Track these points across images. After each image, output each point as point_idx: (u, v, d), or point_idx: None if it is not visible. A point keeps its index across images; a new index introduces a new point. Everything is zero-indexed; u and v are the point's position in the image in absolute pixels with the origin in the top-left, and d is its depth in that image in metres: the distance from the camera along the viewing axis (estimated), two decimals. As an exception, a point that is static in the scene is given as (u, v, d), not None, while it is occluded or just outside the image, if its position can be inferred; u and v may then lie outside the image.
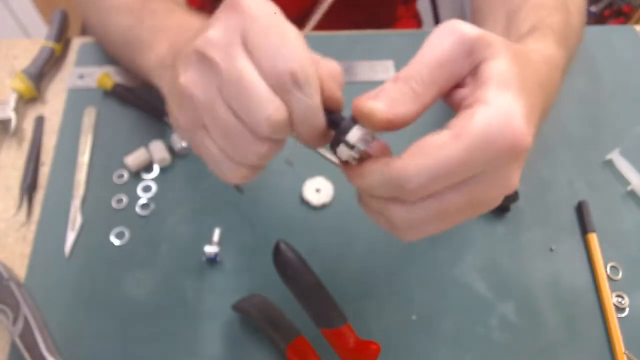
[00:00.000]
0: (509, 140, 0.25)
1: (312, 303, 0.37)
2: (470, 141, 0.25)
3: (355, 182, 0.28)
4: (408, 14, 0.85)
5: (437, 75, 0.26)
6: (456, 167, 0.25)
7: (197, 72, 0.27)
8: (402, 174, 0.25)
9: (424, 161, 0.25)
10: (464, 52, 0.26)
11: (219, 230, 0.48)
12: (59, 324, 0.44)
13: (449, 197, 0.26)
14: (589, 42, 0.63)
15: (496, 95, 0.26)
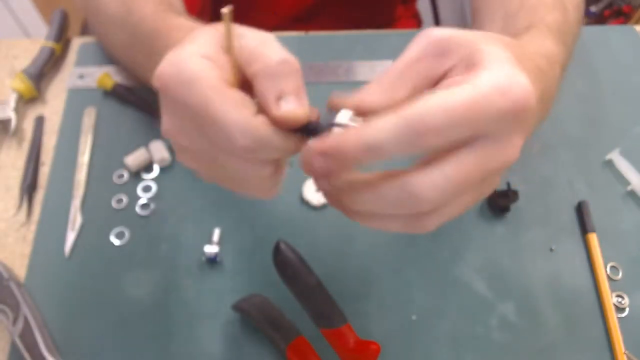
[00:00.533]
0: (521, 93, 0.24)
1: (312, 303, 0.38)
2: (479, 86, 0.24)
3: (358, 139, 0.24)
4: (408, 14, 0.85)
5: (408, 74, 0.27)
6: (467, 110, 0.23)
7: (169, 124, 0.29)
8: (417, 111, 0.23)
9: (437, 99, 0.24)
10: (434, 52, 0.27)
11: (219, 230, 0.48)
12: (59, 324, 0.44)
13: (463, 155, 0.25)
14: (589, 42, 0.63)
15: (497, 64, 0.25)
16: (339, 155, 0.24)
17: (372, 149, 0.23)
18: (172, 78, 0.26)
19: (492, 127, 0.25)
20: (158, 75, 0.27)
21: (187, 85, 0.26)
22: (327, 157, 0.24)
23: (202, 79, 0.26)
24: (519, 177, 0.52)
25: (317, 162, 0.25)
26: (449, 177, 0.24)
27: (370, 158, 0.24)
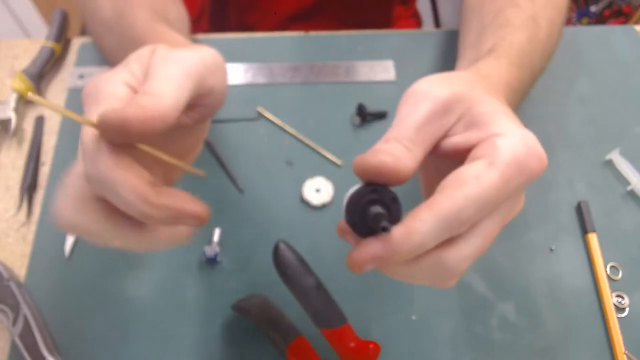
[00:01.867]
0: (537, 161, 0.27)
1: (312, 303, 0.38)
2: (505, 167, 0.26)
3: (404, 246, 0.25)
4: (407, 14, 0.85)
5: (422, 135, 0.28)
6: (495, 193, 0.26)
7: None
8: (452, 208, 0.25)
9: (468, 191, 0.25)
10: (440, 113, 0.28)
11: (219, 230, 0.48)
12: (59, 324, 0.44)
13: (487, 225, 0.27)
14: (589, 42, 0.63)
15: (505, 126, 0.27)
16: (389, 261, 0.25)
17: (420, 249, 0.25)
18: (87, 92, 0.27)
19: (517, 193, 0.27)
20: (85, 87, 0.28)
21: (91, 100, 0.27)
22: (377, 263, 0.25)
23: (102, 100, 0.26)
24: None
25: (367, 268, 0.26)
26: (477, 247, 0.27)
27: (414, 256, 0.26)
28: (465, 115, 0.29)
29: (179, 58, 0.28)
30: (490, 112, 0.28)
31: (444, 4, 1.23)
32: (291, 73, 0.59)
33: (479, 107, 0.28)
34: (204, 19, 0.75)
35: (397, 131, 0.28)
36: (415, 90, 0.29)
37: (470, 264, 0.27)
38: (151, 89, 0.26)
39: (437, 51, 0.62)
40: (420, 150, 0.28)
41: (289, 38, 0.62)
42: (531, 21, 0.45)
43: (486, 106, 0.28)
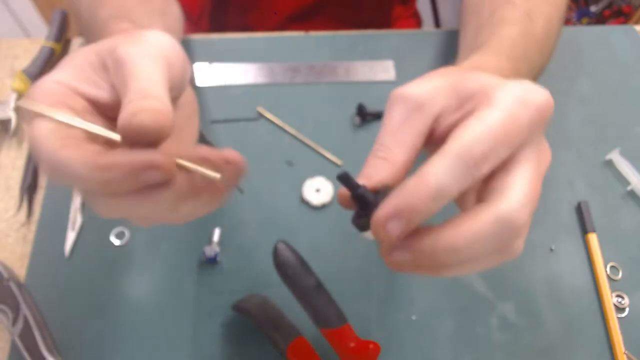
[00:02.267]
0: (539, 95, 0.26)
1: (312, 303, 0.38)
2: (505, 103, 0.25)
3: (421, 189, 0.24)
4: (407, 14, 0.85)
5: (398, 137, 0.28)
6: (503, 126, 0.25)
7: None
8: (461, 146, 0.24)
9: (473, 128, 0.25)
10: (414, 108, 0.28)
11: (219, 230, 0.48)
12: (59, 324, 0.44)
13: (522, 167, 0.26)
14: (589, 42, 0.63)
15: (496, 82, 0.27)
16: (411, 212, 0.24)
17: (440, 193, 0.24)
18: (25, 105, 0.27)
19: (528, 136, 0.26)
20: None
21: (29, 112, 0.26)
22: (401, 219, 0.24)
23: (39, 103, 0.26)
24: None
25: (393, 228, 0.24)
26: (527, 192, 0.26)
27: (438, 204, 0.24)
28: (452, 97, 0.28)
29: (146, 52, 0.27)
30: (478, 81, 0.28)
31: (444, 4, 1.23)
32: (291, 73, 0.59)
33: (465, 84, 0.28)
34: (204, 19, 0.75)
35: (377, 142, 0.29)
36: (390, 95, 0.30)
37: (529, 215, 0.26)
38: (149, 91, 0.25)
39: (437, 51, 0.62)
40: (402, 150, 0.28)
41: (289, 38, 0.62)
42: (525, 17, 0.45)
43: (471, 81, 0.28)
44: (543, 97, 0.26)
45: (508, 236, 0.25)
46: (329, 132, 0.55)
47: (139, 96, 0.25)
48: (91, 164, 0.24)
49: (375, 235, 0.25)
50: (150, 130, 0.24)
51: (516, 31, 0.43)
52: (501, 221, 0.25)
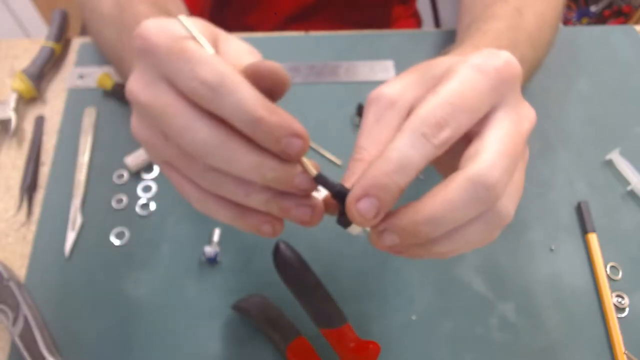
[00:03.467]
0: (498, 60, 0.26)
1: (312, 303, 0.38)
2: (471, 65, 0.26)
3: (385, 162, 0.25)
4: (407, 14, 0.85)
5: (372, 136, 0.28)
6: (469, 88, 0.25)
7: (136, 118, 0.28)
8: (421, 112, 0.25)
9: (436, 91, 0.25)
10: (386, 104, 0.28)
11: (219, 230, 0.48)
12: (59, 324, 0.44)
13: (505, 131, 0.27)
14: (589, 42, 0.63)
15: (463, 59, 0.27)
16: (379, 189, 0.25)
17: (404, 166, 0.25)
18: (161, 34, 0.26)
19: (492, 99, 0.26)
20: (141, 33, 0.26)
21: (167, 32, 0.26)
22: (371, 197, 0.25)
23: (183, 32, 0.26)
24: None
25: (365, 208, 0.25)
26: (498, 150, 0.25)
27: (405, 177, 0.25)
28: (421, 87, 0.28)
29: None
30: (443, 65, 0.28)
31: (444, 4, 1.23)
32: (291, 73, 0.59)
33: (432, 71, 0.28)
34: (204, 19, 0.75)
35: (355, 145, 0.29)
36: (367, 99, 0.30)
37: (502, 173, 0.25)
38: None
39: (437, 51, 0.62)
40: (377, 147, 0.28)
41: (289, 38, 0.62)
42: (514, 12, 0.45)
43: (437, 66, 0.28)
44: (501, 59, 0.26)
45: (484, 197, 0.25)
46: (329, 132, 0.55)
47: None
48: (262, 102, 0.24)
49: (352, 220, 0.26)
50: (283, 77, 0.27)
51: (502, 25, 0.43)
52: (472, 182, 0.24)
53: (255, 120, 0.24)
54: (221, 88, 0.24)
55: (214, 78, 0.24)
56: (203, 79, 0.24)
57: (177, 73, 0.25)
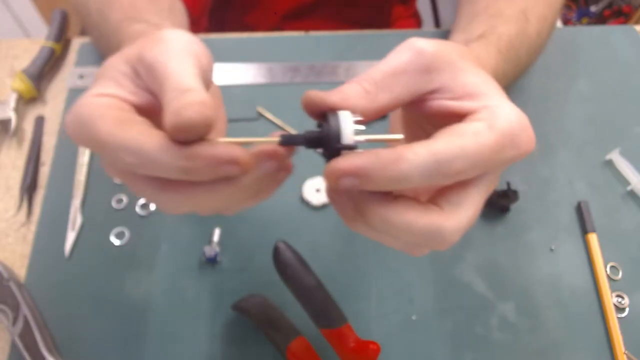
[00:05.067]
0: (528, 139, 0.27)
1: (312, 303, 0.38)
2: (501, 134, 0.26)
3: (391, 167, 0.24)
4: (407, 14, 0.85)
5: (391, 82, 0.27)
6: (488, 155, 0.25)
7: None
8: (447, 151, 0.25)
9: (465, 142, 0.25)
10: (421, 67, 0.28)
11: (219, 230, 0.48)
12: (59, 324, 0.44)
13: (475, 194, 0.27)
14: (589, 42, 0.63)
15: (501, 100, 0.27)
16: (368, 179, 0.24)
17: (402, 180, 0.24)
18: (70, 125, 0.27)
19: (502, 168, 0.27)
20: (65, 125, 0.27)
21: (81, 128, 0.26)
22: (356, 179, 0.24)
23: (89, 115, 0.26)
24: (519, 177, 0.52)
25: (344, 182, 0.24)
26: (469, 217, 0.27)
27: (393, 186, 0.25)
28: (454, 80, 0.28)
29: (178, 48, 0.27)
30: (485, 84, 0.28)
31: (444, 4, 1.23)
32: (291, 73, 0.59)
33: (470, 77, 0.28)
34: (204, 19, 0.75)
35: (366, 74, 0.28)
36: (406, 41, 0.29)
37: (462, 235, 0.27)
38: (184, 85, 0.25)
39: (437, 51, 0.62)
40: (386, 96, 0.27)
41: (289, 38, 0.62)
42: (522, 15, 0.45)
43: (478, 77, 0.28)
44: (529, 143, 0.27)
45: (434, 243, 0.27)
46: (329, 132, 0.55)
47: (176, 93, 0.25)
48: (178, 152, 0.24)
49: (325, 180, 0.25)
50: (199, 124, 0.24)
51: (513, 30, 0.43)
52: (438, 233, 0.26)
53: (182, 169, 0.24)
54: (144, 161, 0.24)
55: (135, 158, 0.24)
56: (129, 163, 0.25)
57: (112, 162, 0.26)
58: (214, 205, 0.27)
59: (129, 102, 0.27)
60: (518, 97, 0.57)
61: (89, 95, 0.27)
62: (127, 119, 0.26)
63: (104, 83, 0.28)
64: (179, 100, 0.24)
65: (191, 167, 0.24)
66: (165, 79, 0.25)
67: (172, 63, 0.26)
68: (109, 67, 0.28)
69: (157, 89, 0.26)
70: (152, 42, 0.27)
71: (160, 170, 0.24)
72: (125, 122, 0.25)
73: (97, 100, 0.27)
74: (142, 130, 0.25)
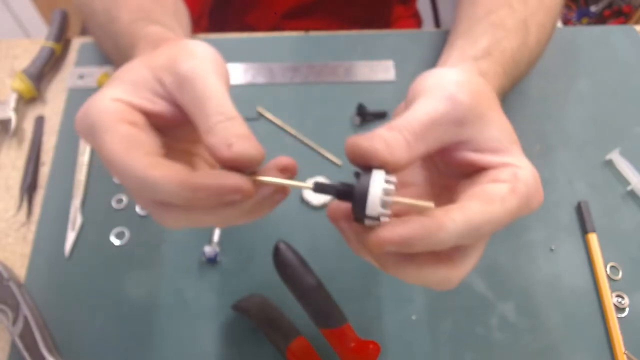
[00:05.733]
0: (539, 198, 0.29)
1: (312, 303, 0.38)
2: (522, 197, 0.27)
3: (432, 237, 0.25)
4: (408, 14, 0.85)
5: (428, 134, 0.28)
6: (509, 218, 0.27)
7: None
8: (481, 219, 0.26)
9: (495, 209, 0.26)
10: (455, 120, 0.28)
11: (219, 230, 0.48)
12: (59, 324, 0.44)
13: (482, 245, 0.29)
14: (589, 42, 0.63)
15: (520, 159, 0.30)
16: (409, 246, 0.25)
17: (438, 245, 0.26)
18: (79, 122, 0.28)
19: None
20: (75, 119, 0.28)
21: (89, 129, 0.27)
22: (399, 246, 0.25)
23: (100, 122, 0.26)
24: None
25: (389, 249, 0.25)
26: (474, 264, 0.29)
27: (430, 249, 0.26)
28: (480, 133, 0.29)
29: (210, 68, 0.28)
30: (506, 139, 0.30)
31: (444, 4, 1.23)
32: (291, 73, 0.59)
33: (495, 131, 0.29)
34: (204, 19, 0.75)
35: (405, 121, 0.28)
36: (440, 85, 0.29)
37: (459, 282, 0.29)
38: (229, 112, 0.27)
39: (437, 51, 0.62)
40: (422, 147, 0.28)
41: (289, 38, 0.62)
42: (522, 26, 0.45)
43: (501, 130, 0.30)
44: (539, 201, 0.29)
45: (442, 286, 0.29)
46: (329, 132, 0.55)
47: (221, 118, 0.26)
48: (184, 184, 0.25)
49: (369, 250, 0.26)
50: (255, 159, 0.26)
51: (516, 44, 0.43)
52: (447, 282, 0.28)
53: (188, 201, 0.25)
54: (146, 188, 0.25)
55: (136, 184, 0.25)
56: (129, 187, 0.26)
57: (113, 175, 0.27)
58: (212, 223, 0.28)
59: (143, 110, 0.28)
60: (518, 97, 0.57)
61: (104, 96, 0.28)
62: (136, 141, 0.26)
63: (121, 86, 0.28)
64: (228, 129, 0.26)
65: (196, 198, 0.25)
66: (207, 100, 0.27)
67: (210, 82, 0.27)
68: (129, 70, 0.29)
69: (189, 103, 0.27)
70: (183, 54, 0.28)
71: (164, 198, 0.26)
72: (133, 145, 0.26)
73: (110, 106, 0.27)
74: (149, 160, 0.26)
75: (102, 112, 0.27)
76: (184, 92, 0.27)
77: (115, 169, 0.26)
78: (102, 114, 0.27)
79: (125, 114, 0.27)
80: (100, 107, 0.27)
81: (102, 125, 0.26)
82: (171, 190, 0.25)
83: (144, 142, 0.27)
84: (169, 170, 0.25)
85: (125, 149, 0.26)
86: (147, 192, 0.26)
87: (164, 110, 0.29)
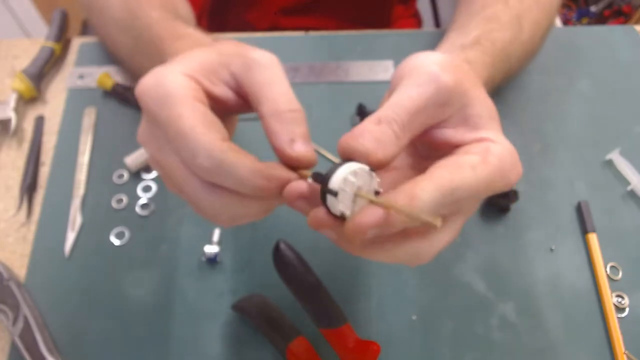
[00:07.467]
0: (515, 174, 0.28)
1: (312, 303, 0.38)
2: (493, 168, 0.27)
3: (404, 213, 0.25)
4: (407, 14, 0.85)
5: (415, 121, 0.28)
6: (482, 186, 0.27)
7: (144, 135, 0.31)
8: (451, 184, 0.25)
9: (465, 174, 0.26)
10: (440, 102, 0.28)
11: (219, 230, 0.48)
12: (59, 324, 0.44)
13: (460, 218, 0.29)
14: (589, 42, 0.63)
15: (496, 135, 0.29)
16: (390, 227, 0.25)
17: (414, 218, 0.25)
18: (150, 90, 0.27)
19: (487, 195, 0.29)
20: (139, 85, 0.28)
21: (162, 99, 0.27)
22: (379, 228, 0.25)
23: (176, 95, 0.27)
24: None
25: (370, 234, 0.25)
26: (449, 238, 0.29)
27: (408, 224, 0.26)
28: (461, 111, 0.29)
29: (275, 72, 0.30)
30: (485, 116, 0.29)
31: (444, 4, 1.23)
32: (291, 73, 0.59)
33: (475, 108, 0.29)
34: (204, 19, 0.75)
35: (392, 111, 0.27)
36: (422, 67, 0.29)
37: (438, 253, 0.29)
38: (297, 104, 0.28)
39: (437, 51, 0.62)
40: (409, 136, 0.28)
41: (289, 38, 0.62)
42: (516, 21, 0.45)
43: (481, 108, 0.29)
44: (516, 176, 0.28)
45: (414, 260, 0.29)
46: (329, 132, 0.55)
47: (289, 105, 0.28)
48: (259, 173, 0.26)
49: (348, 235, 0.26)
50: (310, 164, 0.28)
51: (507, 37, 0.43)
52: (414, 255, 0.28)
53: (256, 189, 0.26)
54: (219, 170, 0.26)
55: (211, 164, 0.26)
56: (201, 165, 0.26)
57: (178, 150, 0.27)
58: (254, 214, 0.29)
59: (207, 91, 0.29)
60: (518, 97, 0.57)
61: (176, 69, 0.28)
62: (213, 122, 0.27)
63: (190, 64, 0.28)
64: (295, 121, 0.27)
65: (266, 188, 0.26)
66: (275, 83, 0.28)
67: (279, 70, 0.29)
68: (197, 54, 0.29)
69: (256, 85, 0.28)
70: (250, 48, 0.30)
71: (232, 183, 0.26)
72: (212, 125, 0.26)
73: (184, 81, 0.27)
74: (228, 143, 0.26)
75: (178, 85, 0.27)
76: (253, 74, 0.28)
77: (188, 144, 0.26)
78: (179, 88, 0.27)
79: (198, 92, 0.28)
80: (175, 79, 0.27)
81: (179, 98, 0.26)
82: (244, 176, 0.25)
83: (218, 124, 0.27)
84: (246, 158, 0.26)
85: (206, 127, 0.26)
86: (218, 173, 0.26)
87: (222, 94, 0.29)
